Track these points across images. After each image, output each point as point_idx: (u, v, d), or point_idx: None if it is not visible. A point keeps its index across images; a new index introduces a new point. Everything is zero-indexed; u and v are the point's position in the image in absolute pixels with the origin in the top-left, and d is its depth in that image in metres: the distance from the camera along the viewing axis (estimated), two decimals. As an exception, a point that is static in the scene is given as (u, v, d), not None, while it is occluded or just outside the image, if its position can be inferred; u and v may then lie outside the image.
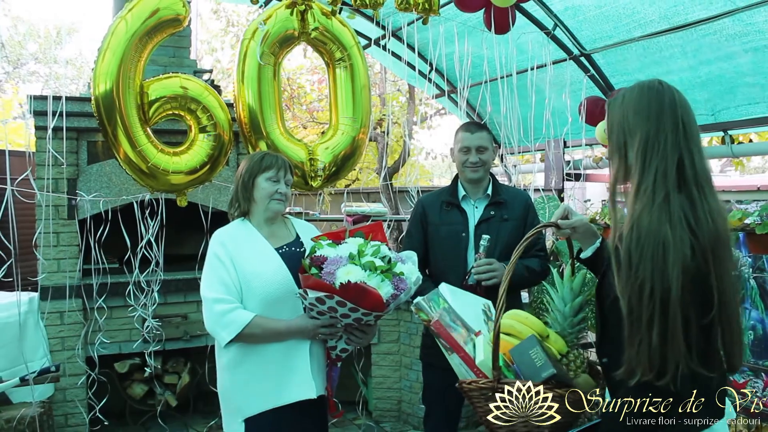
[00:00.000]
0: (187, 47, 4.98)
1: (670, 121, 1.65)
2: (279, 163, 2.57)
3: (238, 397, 2.47)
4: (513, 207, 2.97)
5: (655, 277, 1.51)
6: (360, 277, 2.24)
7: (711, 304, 1.55)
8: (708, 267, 1.55)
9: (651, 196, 1.58)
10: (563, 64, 4.90)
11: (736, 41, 4.05)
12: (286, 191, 2.58)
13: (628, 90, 1.76)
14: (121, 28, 3.25)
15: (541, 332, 1.87)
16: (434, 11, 3.90)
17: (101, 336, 4.25)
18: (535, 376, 1.70)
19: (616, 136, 1.73)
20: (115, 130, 3.32)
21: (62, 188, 4.28)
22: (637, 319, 1.53)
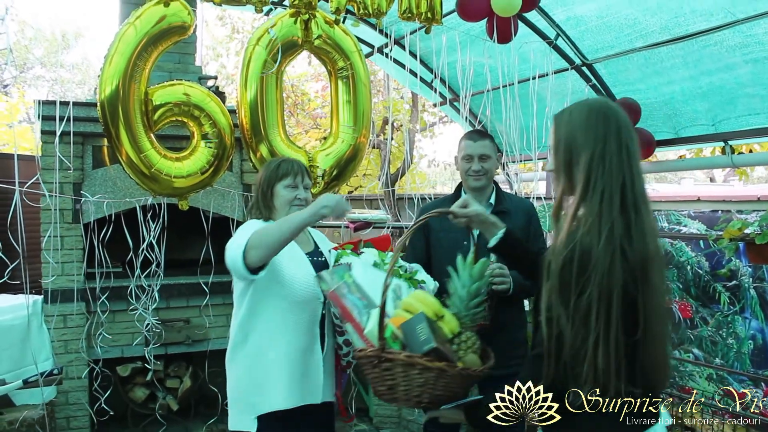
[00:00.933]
0: (192, 53, 5.03)
1: (615, 143, 1.69)
2: (295, 169, 2.60)
3: (254, 392, 2.48)
4: (516, 216, 2.95)
5: (600, 298, 1.58)
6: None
7: (638, 323, 1.62)
8: (636, 287, 1.62)
9: (596, 219, 1.63)
10: (565, 73, 4.93)
11: (736, 52, 4.08)
12: (306, 196, 2.61)
13: (576, 108, 1.80)
14: (128, 34, 3.30)
15: (437, 312, 1.99)
16: (437, 20, 3.94)
17: (105, 332, 4.29)
18: (418, 348, 1.82)
19: (563, 153, 1.76)
20: (119, 134, 3.36)
21: (68, 192, 4.32)
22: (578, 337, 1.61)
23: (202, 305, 4.62)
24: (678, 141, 5.00)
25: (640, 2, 4.16)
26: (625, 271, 1.60)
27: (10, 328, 4.01)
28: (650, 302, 1.65)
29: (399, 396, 1.87)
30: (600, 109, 1.75)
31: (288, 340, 2.48)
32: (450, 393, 1.88)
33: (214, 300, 4.62)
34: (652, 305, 1.65)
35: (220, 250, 4.47)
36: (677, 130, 4.94)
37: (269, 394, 2.46)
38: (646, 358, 1.67)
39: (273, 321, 2.47)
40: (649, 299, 1.64)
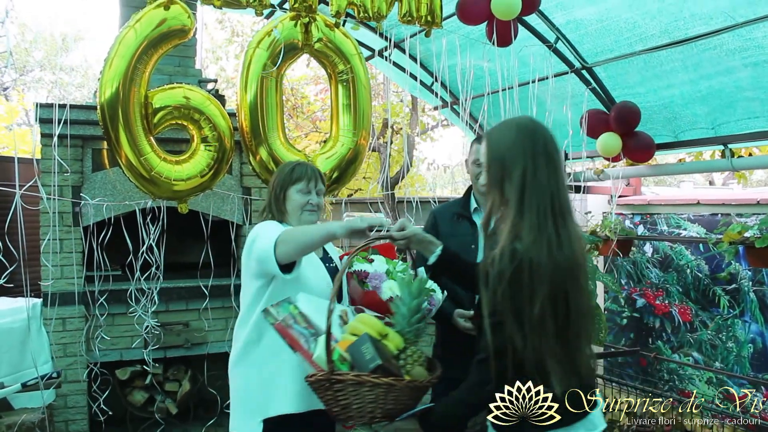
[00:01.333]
0: (192, 57, 5.04)
1: (543, 158, 1.84)
2: (309, 174, 2.58)
3: (262, 394, 2.46)
4: None
5: (550, 304, 1.74)
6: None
7: (568, 319, 1.79)
8: (566, 287, 1.78)
9: (536, 230, 1.77)
10: (565, 77, 4.93)
11: (736, 56, 4.08)
12: (318, 201, 2.60)
13: (505, 127, 1.94)
14: (128, 38, 3.29)
15: (381, 331, 2.08)
16: (437, 24, 3.94)
17: (104, 334, 4.28)
18: (365, 367, 1.91)
19: (496, 170, 1.90)
20: (118, 137, 3.35)
21: (67, 195, 4.32)
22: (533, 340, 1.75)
23: (202, 308, 4.62)
24: (678, 144, 5.00)
25: (640, 6, 4.17)
26: (561, 277, 1.77)
27: (9, 332, 4.01)
28: (577, 303, 1.81)
29: (353, 414, 1.95)
30: (527, 126, 1.89)
31: None
32: (401, 405, 1.97)
33: (213, 303, 4.62)
34: (578, 305, 1.81)
35: (220, 253, 4.50)
36: (677, 133, 4.94)
37: (279, 397, 2.44)
38: (577, 352, 1.84)
39: None
40: (575, 300, 1.80)
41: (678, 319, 5.46)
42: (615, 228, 4.83)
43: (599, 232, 4.92)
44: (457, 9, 4.20)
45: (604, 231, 4.86)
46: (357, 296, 2.44)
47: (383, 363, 1.91)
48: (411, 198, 4.74)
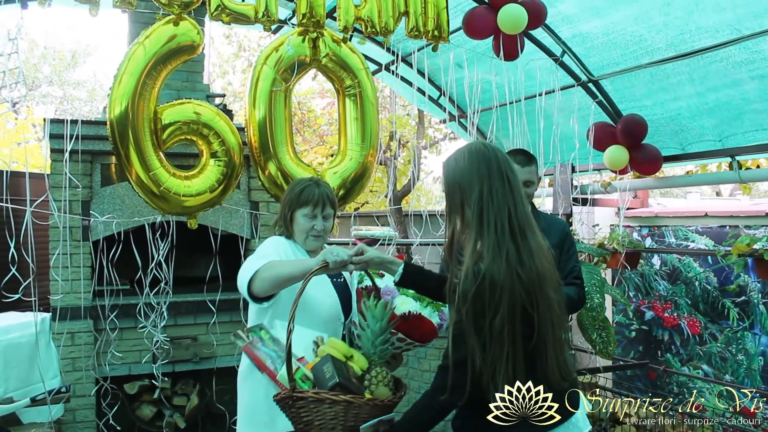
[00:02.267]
0: (200, 72, 5.06)
1: (498, 178, 1.94)
2: (316, 199, 2.53)
3: (268, 413, 2.42)
4: (550, 236, 2.93)
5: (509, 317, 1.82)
6: (415, 307, 2.38)
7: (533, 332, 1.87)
8: (531, 301, 1.86)
9: (495, 248, 1.86)
10: (571, 90, 4.94)
11: (742, 68, 4.09)
12: (324, 226, 2.56)
13: (459, 154, 2.04)
14: (137, 54, 3.32)
15: (345, 353, 2.18)
16: (444, 38, 3.96)
17: (114, 351, 4.28)
18: (324, 385, 2.02)
19: (455, 195, 1.99)
20: (128, 153, 3.37)
21: (76, 210, 4.34)
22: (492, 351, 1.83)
23: (210, 323, 4.62)
24: (685, 157, 5.00)
25: (646, 19, 4.18)
26: (522, 290, 1.85)
27: (17, 346, 4.01)
28: (544, 313, 1.89)
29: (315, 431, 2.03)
30: (479, 150, 1.99)
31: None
32: (362, 423, 2.02)
33: (221, 318, 4.62)
34: (545, 315, 1.90)
35: (228, 267, 4.51)
36: (684, 145, 4.94)
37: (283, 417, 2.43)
38: (543, 361, 1.90)
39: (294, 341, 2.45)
40: (543, 311, 1.89)
41: (687, 332, 5.44)
42: (623, 240, 4.82)
43: (607, 244, 4.91)
44: (464, 23, 4.23)
45: (612, 244, 4.85)
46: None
47: (341, 381, 2.00)
48: (420, 211, 4.75)
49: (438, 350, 4.82)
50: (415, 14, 3.85)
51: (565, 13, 4.47)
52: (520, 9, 4.07)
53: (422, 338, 2.41)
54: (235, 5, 3.48)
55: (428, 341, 2.45)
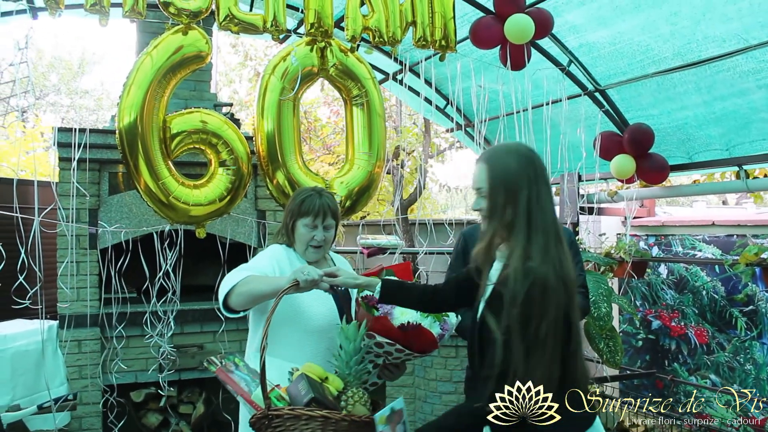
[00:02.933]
0: (207, 81, 5.08)
1: (543, 184, 1.94)
2: (317, 209, 2.53)
3: None
4: None
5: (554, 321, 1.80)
6: (415, 318, 2.35)
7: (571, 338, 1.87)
8: (567, 306, 1.86)
9: (544, 252, 1.86)
10: (578, 99, 4.95)
11: (749, 78, 4.09)
12: (324, 236, 2.56)
13: (504, 154, 2.00)
14: (146, 64, 3.34)
15: (320, 375, 2.18)
16: (451, 48, 3.97)
17: (120, 363, 4.29)
18: (300, 401, 2.02)
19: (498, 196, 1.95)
20: (137, 163, 3.38)
21: (84, 218, 4.36)
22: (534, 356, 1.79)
23: (218, 332, 4.62)
24: (692, 166, 5.00)
25: (653, 29, 4.19)
26: (564, 295, 1.84)
27: (24, 354, 4.03)
28: (575, 319, 1.90)
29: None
30: (526, 154, 1.97)
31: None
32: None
33: (228, 326, 4.62)
34: (576, 322, 1.91)
35: (235, 276, 4.50)
36: (691, 155, 4.93)
37: None
38: (577, 368, 1.90)
39: (290, 349, 2.46)
40: (575, 317, 1.89)
41: (694, 341, 5.42)
42: (630, 250, 4.81)
43: (614, 253, 4.90)
44: (471, 33, 4.24)
45: (619, 253, 4.84)
46: (367, 322, 2.43)
47: (317, 396, 2.01)
48: (426, 220, 4.75)
49: (444, 359, 4.81)
50: (422, 24, 3.86)
51: (572, 23, 4.48)
52: (526, 19, 4.08)
53: (422, 349, 2.39)
54: (243, 15, 3.50)
55: (429, 352, 2.44)
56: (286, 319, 2.46)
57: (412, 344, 2.36)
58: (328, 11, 3.65)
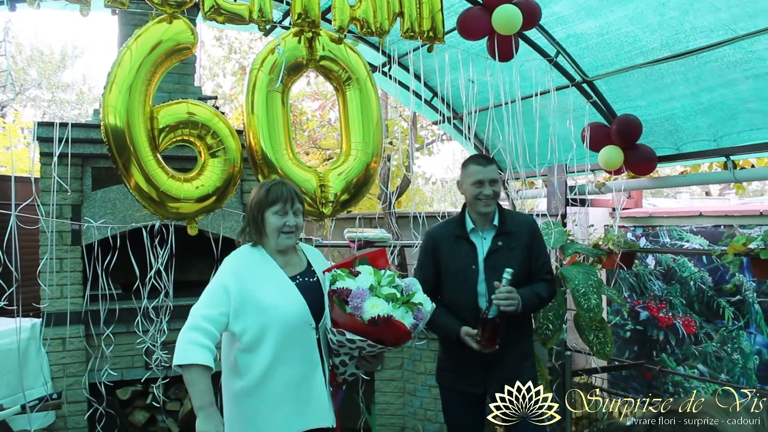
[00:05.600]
0: (191, 74, 5.01)
1: None
2: (285, 195, 2.54)
3: (246, 426, 2.46)
4: (519, 235, 3.01)
5: None
6: (386, 309, 2.33)
7: None
8: None
9: None
10: (566, 90, 4.94)
11: (737, 68, 4.09)
12: (296, 222, 2.56)
13: None
14: (129, 55, 3.27)
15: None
16: (439, 39, 3.93)
17: (108, 369, 4.22)
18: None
19: None
20: (127, 161, 3.27)
21: (66, 214, 4.28)
22: None
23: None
24: (679, 157, 5.00)
25: (641, 20, 4.17)
26: None
27: (7, 353, 3.95)
28: None
29: None
30: None
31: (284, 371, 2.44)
32: None
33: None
34: None
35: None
36: (678, 145, 4.94)
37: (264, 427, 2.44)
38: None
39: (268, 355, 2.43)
40: None
41: (682, 332, 5.44)
42: (618, 241, 4.81)
43: (602, 245, 4.89)
44: (458, 24, 4.21)
45: (607, 244, 4.83)
46: (339, 319, 2.42)
47: None
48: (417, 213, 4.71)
49: (433, 352, 4.78)
50: (410, 15, 3.82)
51: (560, 14, 4.46)
52: (514, 10, 4.05)
53: (394, 342, 2.39)
54: (229, 5, 3.44)
55: (402, 343, 2.45)
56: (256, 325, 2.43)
57: (384, 338, 2.35)
58: (315, 1, 3.59)
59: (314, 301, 2.52)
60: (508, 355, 2.88)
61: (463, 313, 2.91)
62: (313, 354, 2.50)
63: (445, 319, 2.90)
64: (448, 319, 2.90)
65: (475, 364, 2.87)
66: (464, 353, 2.85)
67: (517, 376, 2.87)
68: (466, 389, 2.99)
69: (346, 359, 2.53)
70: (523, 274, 2.94)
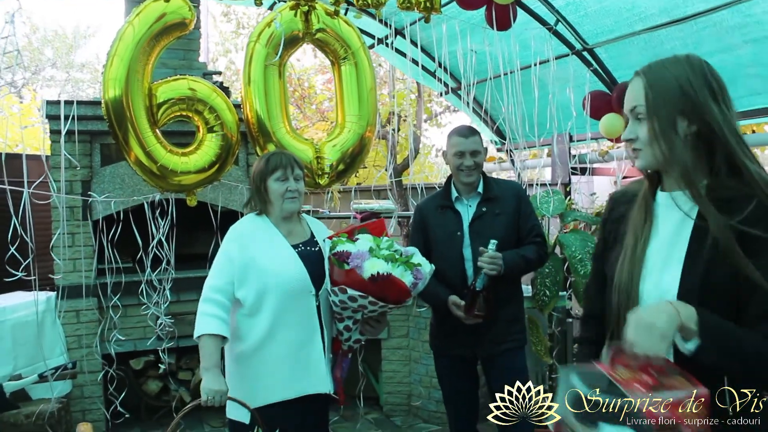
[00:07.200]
0: (196, 50, 5.07)
1: None
2: (284, 162, 2.63)
3: (246, 388, 2.53)
4: (504, 201, 3.04)
5: None
6: (385, 268, 2.38)
7: None
8: None
9: None
10: (566, 59, 4.93)
11: (735, 33, 4.07)
12: (297, 187, 2.63)
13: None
14: (128, 33, 3.34)
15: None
16: (436, 9, 3.96)
17: (117, 333, 4.35)
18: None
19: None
20: (126, 134, 3.40)
21: (77, 190, 4.39)
22: None
23: (213, 298, 4.67)
24: (681, 123, 4.99)
25: (639, -15, 4.17)
26: None
27: (24, 325, 4.10)
28: None
29: None
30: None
31: (283, 337, 2.53)
32: None
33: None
34: None
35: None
36: (680, 112, 4.92)
37: (263, 389, 2.53)
38: None
39: (267, 320, 2.52)
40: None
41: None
42: (620, 208, 4.83)
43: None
44: (456, -6, 4.22)
45: (610, 212, 4.86)
46: (338, 277, 2.48)
47: None
48: (416, 184, 4.77)
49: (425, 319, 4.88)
50: (405, -14, 3.85)
51: (558, -19, 4.46)
52: (511, -22, 4.06)
53: (396, 299, 2.45)
54: (224, -19, 3.50)
55: (404, 302, 2.51)
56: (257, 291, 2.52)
57: (385, 295, 2.41)
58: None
59: (315, 269, 2.59)
60: (498, 319, 2.95)
61: (450, 279, 2.97)
62: (313, 321, 2.57)
63: (433, 288, 2.97)
64: (436, 288, 2.97)
65: (465, 329, 2.94)
66: (454, 319, 2.92)
67: (506, 340, 2.96)
68: (457, 353, 3.07)
69: (350, 324, 2.59)
70: (511, 240, 2.99)
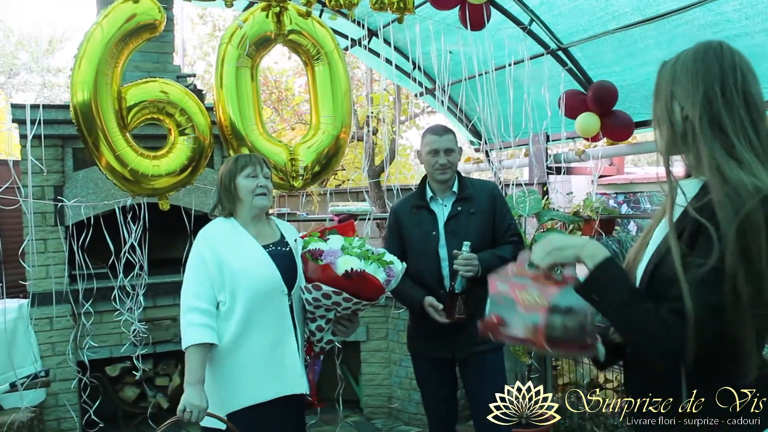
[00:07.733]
0: (170, 53, 5.01)
1: None
2: (253, 160, 2.65)
3: (222, 392, 2.52)
4: (479, 200, 3.04)
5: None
6: (359, 265, 2.40)
7: None
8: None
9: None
10: (541, 58, 4.94)
11: (707, 31, 4.09)
12: (267, 183, 2.64)
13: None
14: (96, 34, 3.30)
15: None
16: (409, 9, 3.95)
17: (91, 340, 4.29)
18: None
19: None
20: (95, 138, 3.35)
21: (49, 195, 4.32)
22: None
23: (189, 303, 4.62)
24: (656, 122, 5.01)
25: (611, -16, 4.18)
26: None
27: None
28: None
29: None
30: None
31: (256, 337, 2.51)
32: None
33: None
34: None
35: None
36: (655, 110, 4.95)
37: (237, 393, 2.51)
38: None
39: (240, 320, 2.50)
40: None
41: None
42: (597, 207, 4.85)
43: (582, 212, 4.94)
44: (429, -6, 4.21)
45: (586, 211, 4.88)
46: (313, 273, 2.48)
47: None
48: (393, 186, 4.76)
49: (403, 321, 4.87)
50: (378, -14, 3.84)
51: (532, -19, 4.46)
52: (484, -23, 4.06)
53: (370, 296, 2.46)
54: (194, -19, 3.46)
55: (376, 299, 2.51)
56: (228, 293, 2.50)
57: (359, 292, 2.41)
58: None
59: (286, 269, 2.58)
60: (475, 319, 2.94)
61: (426, 279, 2.96)
62: (286, 321, 2.56)
63: (410, 290, 2.96)
64: (412, 289, 2.96)
65: (443, 330, 2.93)
66: (430, 321, 2.91)
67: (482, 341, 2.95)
68: (435, 355, 3.06)
69: (322, 323, 2.59)
70: (486, 239, 2.99)
